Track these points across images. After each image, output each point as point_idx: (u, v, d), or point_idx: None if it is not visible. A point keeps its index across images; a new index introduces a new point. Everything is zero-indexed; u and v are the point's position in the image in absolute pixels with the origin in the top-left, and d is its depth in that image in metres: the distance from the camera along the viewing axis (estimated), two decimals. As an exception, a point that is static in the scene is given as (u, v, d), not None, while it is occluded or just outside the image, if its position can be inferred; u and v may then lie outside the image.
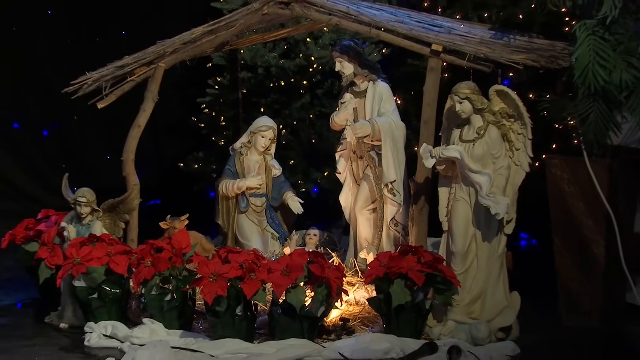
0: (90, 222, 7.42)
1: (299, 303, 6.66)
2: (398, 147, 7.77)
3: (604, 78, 6.98)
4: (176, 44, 7.91)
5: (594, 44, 7.02)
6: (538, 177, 7.42)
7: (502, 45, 7.41)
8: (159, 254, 7.03)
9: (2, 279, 8.47)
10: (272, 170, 8.10)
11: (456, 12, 8.79)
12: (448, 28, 7.67)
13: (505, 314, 7.02)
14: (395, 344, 6.66)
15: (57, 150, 11.50)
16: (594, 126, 7.14)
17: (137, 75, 7.80)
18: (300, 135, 9.53)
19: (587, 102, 7.14)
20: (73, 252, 7.11)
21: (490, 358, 6.56)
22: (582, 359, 6.82)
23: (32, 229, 7.87)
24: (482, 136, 6.98)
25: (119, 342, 6.85)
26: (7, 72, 11.39)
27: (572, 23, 7.53)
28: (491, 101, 7.03)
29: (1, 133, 11.52)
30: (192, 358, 6.53)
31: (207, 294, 6.65)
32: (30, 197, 11.15)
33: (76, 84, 7.86)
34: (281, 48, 9.59)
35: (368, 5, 8.02)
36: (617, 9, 6.95)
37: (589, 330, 7.23)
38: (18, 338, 7.07)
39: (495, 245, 7.04)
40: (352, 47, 7.91)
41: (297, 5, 7.70)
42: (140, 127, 7.71)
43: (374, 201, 7.91)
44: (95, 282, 7.05)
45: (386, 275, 6.79)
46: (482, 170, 6.91)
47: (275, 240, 8.05)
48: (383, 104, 7.84)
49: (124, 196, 7.54)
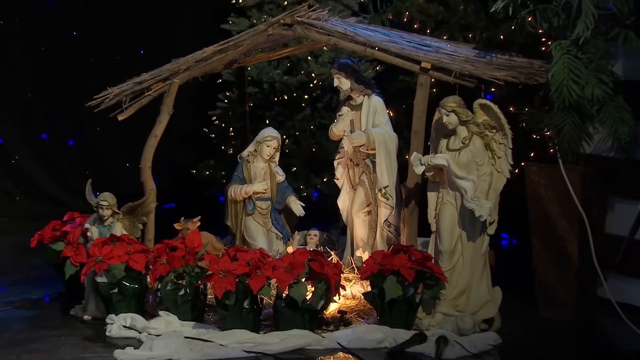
0: (111, 223, 7.41)
1: (300, 297, 6.66)
2: (391, 155, 7.77)
3: (577, 93, 6.98)
4: (189, 62, 7.91)
5: (568, 62, 7.01)
6: (518, 183, 7.42)
7: (485, 63, 7.40)
8: (174, 252, 7.03)
9: (32, 276, 8.46)
10: (276, 177, 8.09)
11: (443, 33, 8.79)
12: (436, 47, 7.67)
13: (488, 307, 7.02)
14: (388, 334, 6.66)
15: (82, 158, 11.49)
16: (568, 137, 7.14)
17: (154, 90, 7.80)
18: (302, 145, 9.52)
19: (562, 115, 7.14)
20: (96, 250, 7.11)
21: (474, 347, 6.55)
22: (557, 348, 6.80)
23: (58, 229, 7.87)
24: (467, 145, 6.97)
25: (138, 332, 6.85)
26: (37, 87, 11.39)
27: (548, 43, 7.53)
28: (475, 114, 7.03)
29: (31, 143, 11.52)
30: (204, 347, 6.52)
31: (217, 289, 6.65)
32: (56, 200, 11.14)
33: (99, 98, 7.86)
34: (284, 66, 9.59)
35: (363, 26, 8.04)
36: (589, 30, 6.95)
37: (563, 321, 7.22)
38: (46, 329, 7.08)
39: (479, 244, 7.03)
40: (349, 64, 7.91)
41: (299, 27, 7.71)
42: (157, 137, 7.72)
43: (369, 204, 7.90)
44: (116, 278, 7.05)
45: (380, 271, 6.79)
46: (467, 176, 6.91)
47: (279, 240, 8.04)
48: (377, 116, 7.84)
49: (142, 200, 7.54)
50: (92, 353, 6.54)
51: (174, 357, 6.35)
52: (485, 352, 6.58)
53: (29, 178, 11.45)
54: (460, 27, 8.85)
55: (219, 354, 6.43)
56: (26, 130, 11.52)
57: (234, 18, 9.72)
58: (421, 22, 8.98)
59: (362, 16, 9.20)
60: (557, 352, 6.73)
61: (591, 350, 6.81)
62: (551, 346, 6.83)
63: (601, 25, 7.08)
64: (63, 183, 11.39)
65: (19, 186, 11.44)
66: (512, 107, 8.05)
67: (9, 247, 9.59)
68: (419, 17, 9.02)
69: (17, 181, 11.46)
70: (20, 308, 7.64)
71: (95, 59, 11.30)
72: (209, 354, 6.43)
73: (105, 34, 11.31)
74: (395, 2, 9.47)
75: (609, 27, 7.10)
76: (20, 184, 11.44)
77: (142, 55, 11.05)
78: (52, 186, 11.44)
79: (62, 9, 11.29)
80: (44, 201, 11.26)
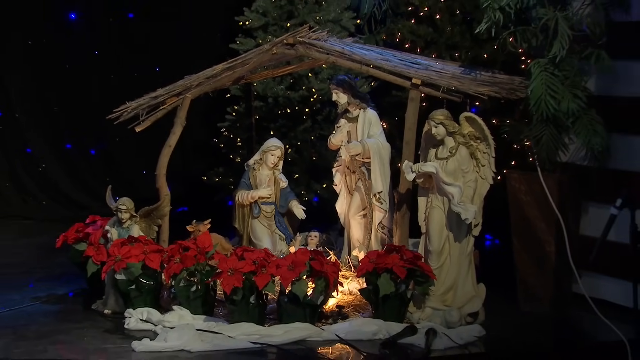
0: (129, 226, 7.41)
1: (302, 293, 6.65)
2: (384, 163, 7.76)
3: (554, 107, 6.98)
4: (200, 78, 7.90)
5: (546, 79, 7.01)
6: (500, 189, 7.41)
7: (470, 80, 7.40)
8: (186, 252, 7.02)
9: (57, 273, 8.45)
10: (280, 183, 8.08)
11: (432, 52, 8.78)
12: (425, 65, 7.67)
13: (473, 302, 7.01)
14: (382, 326, 6.65)
15: (102, 166, 11.47)
16: (546, 146, 7.13)
17: (168, 104, 7.79)
18: (303, 154, 9.51)
19: (540, 127, 7.14)
20: (115, 250, 7.10)
21: (461, 338, 6.54)
22: (536, 338, 6.80)
23: (81, 231, 7.86)
24: (453, 154, 6.97)
25: (153, 325, 6.84)
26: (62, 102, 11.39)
27: (527, 61, 7.53)
28: (461, 125, 7.02)
29: (57, 152, 11.51)
30: (214, 338, 6.51)
31: (226, 286, 6.64)
32: (79, 205, 11.12)
33: (118, 112, 7.85)
34: (287, 82, 9.58)
35: (359, 46, 8.04)
36: (565, 50, 6.95)
37: (541, 315, 7.21)
38: (70, 322, 7.07)
39: (464, 245, 7.02)
40: (346, 80, 7.90)
41: (300, 47, 7.71)
42: (171, 147, 7.71)
43: (364, 208, 7.89)
44: (134, 275, 7.03)
45: (374, 269, 6.77)
46: (454, 182, 6.90)
47: (282, 241, 8.03)
48: (372, 128, 7.83)
49: (157, 204, 7.53)
50: (112, 344, 6.53)
51: (186, 347, 6.34)
52: (470, 342, 6.57)
53: (54, 184, 11.44)
54: (447, 46, 8.85)
55: (227, 345, 6.42)
56: (52, 140, 11.51)
57: (242, 38, 9.71)
58: (412, 42, 8.98)
59: (358, 37, 9.21)
60: (535, 342, 6.73)
61: (566, 340, 6.80)
62: (530, 337, 6.83)
63: (575, 46, 7.08)
64: (85, 189, 11.38)
65: (45, 191, 11.43)
66: (495, 120, 8.05)
67: (36, 247, 9.57)
68: (409, 38, 9.02)
69: (43, 187, 11.45)
70: (46, 303, 7.63)
71: (115, 76, 11.29)
72: (218, 345, 6.42)
73: (124, 53, 11.31)
74: (388, 23, 9.49)
75: (582, 47, 7.10)
76: (47, 189, 11.43)
77: (158, 73, 11.04)
78: (76, 191, 11.42)
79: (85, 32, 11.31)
80: (68, 205, 11.24)
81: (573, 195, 7.30)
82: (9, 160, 11.50)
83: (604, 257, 5.85)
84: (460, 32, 8.81)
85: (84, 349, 6.44)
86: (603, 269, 7.16)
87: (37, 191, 11.44)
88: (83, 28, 11.34)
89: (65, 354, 6.34)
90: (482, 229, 7.05)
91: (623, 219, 5.45)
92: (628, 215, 5.40)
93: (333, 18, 9.50)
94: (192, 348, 6.33)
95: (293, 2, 9.57)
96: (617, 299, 7.06)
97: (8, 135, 11.47)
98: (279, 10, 9.58)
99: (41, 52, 11.31)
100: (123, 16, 11.33)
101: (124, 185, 10.13)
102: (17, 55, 11.34)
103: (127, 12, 11.35)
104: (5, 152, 11.51)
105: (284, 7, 9.58)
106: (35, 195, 11.43)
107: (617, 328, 6.42)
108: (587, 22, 7.05)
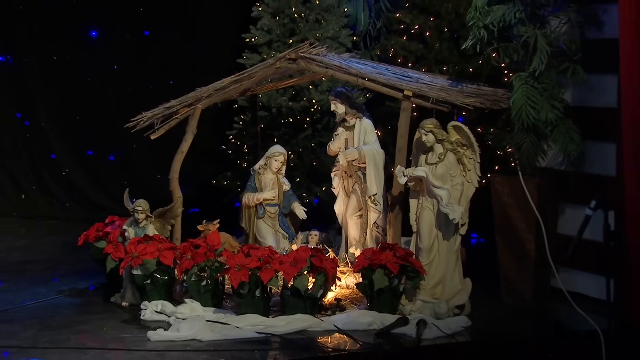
0: (145, 225, 7.39)
1: (303, 287, 6.64)
2: (379, 168, 7.75)
3: (534, 116, 6.98)
4: (210, 90, 7.90)
5: (526, 91, 7.01)
6: (485, 191, 7.40)
7: (457, 92, 7.40)
8: (197, 249, 7.01)
9: (78, 269, 8.43)
10: (283, 186, 8.06)
11: (422, 66, 8.78)
12: (416, 78, 7.67)
13: (460, 295, 7.00)
14: (376, 318, 6.64)
15: (120, 171, 11.46)
16: (527, 153, 7.12)
17: (180, 114, 7.78)
18: (304, 159, 9.50)
19: (521, 135, 7.13)
20: (132, 248, 7.09)
21: (448, 329, 6.53)
22: (517, 329, 6.79)
23: (101, 230, 7.84)
24: (442, 160, 6.97)
25: (167, 316, 6.83)
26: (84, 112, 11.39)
27: (509, 75, 7.52)
28: (449, 133, 7.02)
29: (79, 158, 11.51)
30: (222, 329, 6.50)
31: (234, 280, 6.64)
32: (99, 206, 11.11)
33: (134, 121, 7.85)
34: (290, 93, 9.57)
35: (355, 61, 8.04)
36: (543, 64, 6.96)
37: (522, 307, 7.19)
38: (91, 313, 7.06)
39: (452, 243, 7.02)
40: (343, 92, 7.90)
41: (302, 61, 7.71)
42: (183, 153, 7.70)
43: (360, 209, 7.88)
44: (149, 271, 7.03)
45: (370, 265, 6.77)
46: (442, 186, 6.90)
47: (285, 239, 8.01)
48: (367, 135, 7.83)
49: (170, 206, 7.51)
50: (129, 334, 6.52)
51: (197, 337, 6.33)
52: (457, 332, 6.56)
53: (77, 187, 11.43)
54: (436, 61, 8.85)
55: (235, 335, 6.41)
56: (75, 147, 11.51)
57: (248, 54, 9.70)
58: (404, 57, 8.98)
59: (354, 52, 9.22)
60: (517, 332, 6.71)
61: (545, 331, 6.78)
62: (512, 327, 6.82)
63: (553, 61, 7.07)
64: (105, 191, 11.36)
65: (68, 194, 11.42)
66: (480, 128, 8.04)
67: (60, 245, 9.56)
68: (401, 53, 9.02)
69: (67, 190, 11.45)
70: (69, 296, 7.62)
71: (132, 88, 11.29)
72: (226, 335, 6.40)
73: (140, 67, 11.31)
74: (382, 40, 9.51)
75: (559, 62, 7.10)
76: (70, 192, 11.42)
77: (171, 85, 11.03)
78: (96, 194, 11.41)
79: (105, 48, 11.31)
80: (89, 207, 11.23)
81: (551, 197, 7.29)
82: (36, 165, 11.51)
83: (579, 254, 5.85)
84: (448, 48, 8.81)
85: (103, 338, 6.43)
86: (579, 265, 7.15)
87: (61, 194, 11.43)
88: (103, 45, 11.35)
89: (86, 342, 6.33)
90: (468, 228, 7.05)
91: (597, 219, 5.45)
92: (602, 215, 5.39)
93: (332, 35, 9.50)
94: (202, 337, 6.32)
95: (295, 21, 9.57)
96: (591, 293, 7.04)
97: (34, 143, 11.49)
98: (282, 28, 9.58)
99: (65, 67, 11.32)
100: (139, 34, 11.34)
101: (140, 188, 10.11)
102: (43, 70, 11.35)
103: (143, 30, 11.36)
104: (31, 158, 11.52)
105: (287, 25, 9.58)
106: (59, 198, 11.42)
107: (592, 319, 6.41)
108: (563, 39, 7.04)
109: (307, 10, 9.58)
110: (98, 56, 11.30)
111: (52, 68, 11.35)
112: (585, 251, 6.23)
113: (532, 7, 7.09)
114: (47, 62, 11.34)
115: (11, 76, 11.41)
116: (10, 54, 11.37)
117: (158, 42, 11.25)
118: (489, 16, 7.08)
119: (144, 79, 11.25)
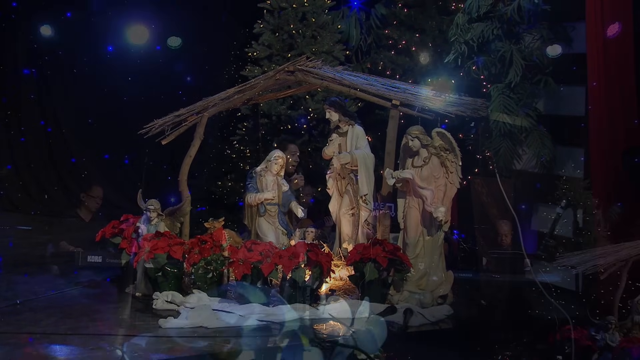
0: (156, 223, 7.38)
1: (300, 279, 6.64)
2: (369, 171, 7.74)
3: (510, 124, 6.99)
4: (216, 99, 7.90)
5: (503, 101, 7.04)
6: (466, 192, 7.41)
7: (440, 101, 7.41)
8: (204, 245, 7.00)
9: (96, 262, 8.42)
10: (282, 187, 8.06)
11: (409, 78, 8.80)
12: (403, 89, 7.67)
13: (443, 286, 7.00)
14: (367, 307, 6.63)
15: (134, 173, 11.44)
16: (504, 157, 7.14)
17: (189, 121, 7.78)
18: (301, 163, 9.50)
19: (498, 140, 7.16)
20: (145, 243, 7.08)
21: (433, 317, 6.54)
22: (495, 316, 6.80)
23: (117, 227, 7.81)
24: (427, 163, 6.97)
25: (176, 305, 6.81)
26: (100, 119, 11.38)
27: (488, 86, 7.54)
28: (433, 139, 7.03)
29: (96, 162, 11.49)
30: (227, 317, 6.49)
31: (237, 273, 6.63)
32: (115, 205, 11.08)
33: (147, 127, 7.85)
34: (288, 102, 9.57)
35: (348, 73, 8.04)
36: (519, 77, 6.99)
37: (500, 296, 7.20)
38: (107, 303, 7.04)
39: (436, 238, 7.02)
40: (337, 101, 7.90)
41: (299, 73, 7.72)
42: (191, 157, 7.69)
43: (353, 208, 7.88)
44: (160, 264, 7.02)
45: (361, 259, 6.77)
46: (427, 187, 6.90)
47: (284, 236, 7.99)
48: (359, 141, 7.82)
49: (180, 205, 7.51)
50: (142, 321, 6.51)
51: (204, 324, 6.32)
52: (441, 320, 6.57)
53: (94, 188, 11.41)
54: (421, 73, 8.85)
55: (238, 322, 6.40)
56: (92, 151, 11.49)
57: (250, 66, 9.71)
58: (392, 70, 9.00)
59: (347, 65, 9.22)
60: (494, 319, 6.71)
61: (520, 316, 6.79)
62: (490, 315, 6.82)
63: (527, 73, 7.10)
64: (120, 191, 11.34)
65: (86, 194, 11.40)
66: (461, 134, 8.05)
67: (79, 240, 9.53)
68: (390, 66, 9.04)
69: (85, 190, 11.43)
70: (88, 287, 7.60)
71: (145, 98, 11.27)
72: (231, 322, 6.39)
73: (152, 78, 11.30)
74: (372, 54, 9.51)
75: (533, 74, 7.12)
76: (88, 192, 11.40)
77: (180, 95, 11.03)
78: (112, 194, 11.39)
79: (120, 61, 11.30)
80: (106, 205, 11.19)
81: (526, 197, 7.30)
82: (57, 168, 11.49)
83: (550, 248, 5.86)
84: (432, 61, 8.81)
85: (119, 325, 6.42)
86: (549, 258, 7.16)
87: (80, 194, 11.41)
88: (118, 58, 11.34)
89: (103, 329, 6.31)
90: (451, 225, 7.05)
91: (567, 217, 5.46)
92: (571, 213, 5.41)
93: (326, 50, 9.51)
94: (209, 325, 6.31)
95: (293, 37, 9.58)
96: (562, 284, 7.05)
97: (56, 148, 11.47)
98: (281, 43, 9.59)
99: (84, 79, 11.31)
100: (151, 48, 11.33)
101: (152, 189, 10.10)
102: (65, 82, 11.34)
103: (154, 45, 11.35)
104: (54, 162, 11.50)
105: (286, 40, 9.59)
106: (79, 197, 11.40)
107: (562, 308, 6.42)
108: (536, 54, 7.06)
109: (304, 27, 9.60)
110: (114, 69, 11.29)
111: (73, 80, 11.34)
112: (555, 246, 6.25)
113: (508, 24, 7.11)
114: (68, 74, 11.33)
115: (36, 87, 11.40)
116: (35, 67, 11.36)
117: (169, 56, 11.24)
118: (469, 33, 7.11)
119: (155, 89, 11.24)
